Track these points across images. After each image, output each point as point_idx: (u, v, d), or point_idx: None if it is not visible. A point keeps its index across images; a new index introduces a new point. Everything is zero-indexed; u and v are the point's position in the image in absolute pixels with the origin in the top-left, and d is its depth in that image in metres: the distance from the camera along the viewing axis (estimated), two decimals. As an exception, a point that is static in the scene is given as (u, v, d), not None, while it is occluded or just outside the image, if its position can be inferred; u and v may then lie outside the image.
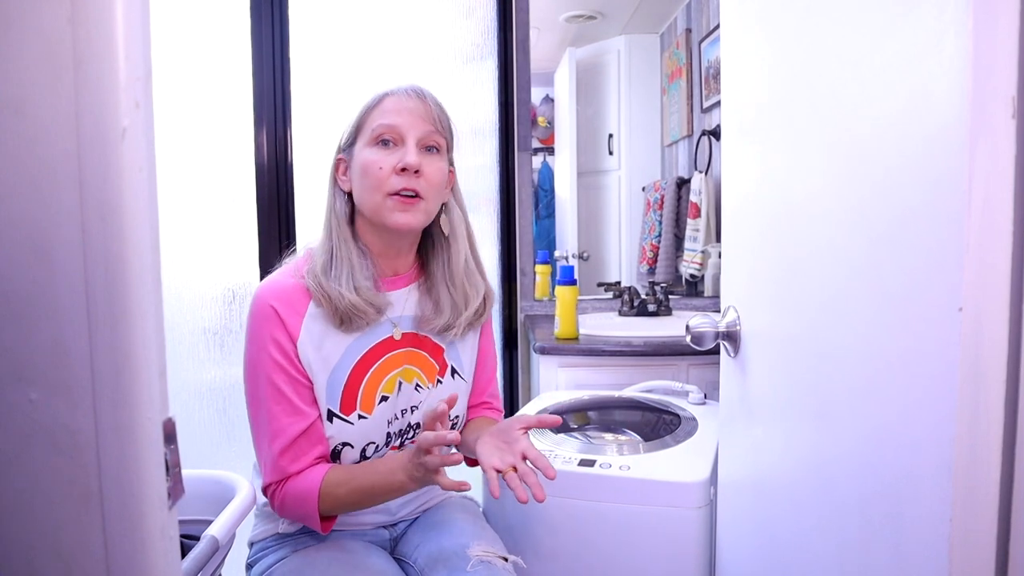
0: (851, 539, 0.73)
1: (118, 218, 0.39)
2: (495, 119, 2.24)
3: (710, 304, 2.27)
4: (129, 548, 0.41)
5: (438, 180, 1.05)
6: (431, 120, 1.04)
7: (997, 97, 0.52)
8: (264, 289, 1.04)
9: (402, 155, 1.01)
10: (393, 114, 1.03)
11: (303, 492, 0.99)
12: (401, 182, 1.01)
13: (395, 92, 1.05)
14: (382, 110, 1.04)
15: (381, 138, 1.03)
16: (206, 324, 1.83)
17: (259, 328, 1.02)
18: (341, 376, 1.04)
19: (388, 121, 1.02)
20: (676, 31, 2.28)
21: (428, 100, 1.05)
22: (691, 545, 1.17)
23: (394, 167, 1.01)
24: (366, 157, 1.03)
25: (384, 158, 1.02)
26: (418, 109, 1.03)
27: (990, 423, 0.54)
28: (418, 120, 1.03)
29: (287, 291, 1.03)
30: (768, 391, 0.93)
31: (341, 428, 1.04)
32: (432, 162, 1.04)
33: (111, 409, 0.40)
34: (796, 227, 0.83)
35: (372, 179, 1.02)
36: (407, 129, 1.02)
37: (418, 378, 1.11)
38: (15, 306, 0.40)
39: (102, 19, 0.37)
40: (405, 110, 1.03)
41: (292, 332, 1.02)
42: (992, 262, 0.53)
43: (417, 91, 1.05)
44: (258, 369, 1.01)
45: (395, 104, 1.04)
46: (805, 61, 0.80)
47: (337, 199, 1.08)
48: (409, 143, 1.02)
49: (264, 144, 1.84)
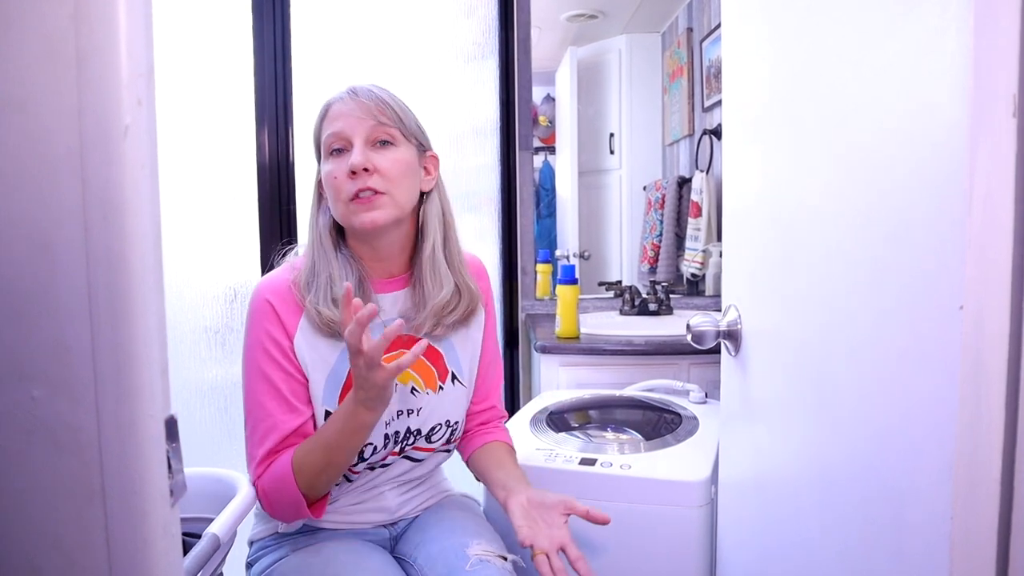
0: (852, 537, 0.73)
1: (120, 216, 0.39)
2: (496, 118, 2.24)
3: (711, 303, 2.27)
4: (131, 545, 0.41)
5: (397, 170, 1.03)
6: (371, 115, 1.02)
7: (998, 95, 0.52)
8: (263, 285, 1.05)
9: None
10: (336, 121, 1.03)
11: (279, 477, 0.99)
12: (354, 184, 1.01)
13: (336, 99, 1.05)
14: (329, 120, 1.04)
15: (332, 148, 1.03)
16: (207, 323, 1.83)
17: (256, 323, 1.03)
18: (341, 375, 1.04)
19: (333, 130, 1.03)
20: (677, 30, 2.28)
21: (363, 97, 1.04)
22: (692, 544, 1.17)
23: (346, 173, 1.01)
24: (325, 171, 1.04)
25: (337, 167, 1.02)
26: (357, 109, 1.03)
27: (991, 422, 0.54)
28: (358, 120, 1.02)
29: (285, 287, 1.04)
30: (769, 390, 0.93)
31: None
32: (385, 155, 1.03)
33: (113, 407, 0.40)
34: (797, 226, 0.83)
35: (333, 190, 1.03)
36: (351, 132, 1.02)
37: (414, 381, 1.10)
38: (17, 304, 0.40)
39: (104, 16, 0.37)
40: (345, 114, 1.03)
41: (289, 328, 1.02)
42: (993, 260, 0.53)
43: (352, 91, 1.05)
44: (254, 363, 1.02)
45: (337, 110, 1.04)
46: (806, 60, 0.80)
47: (320, 214, 1.09)
48: (356, 145, 1.01)
49: (266, 143, 1.84)
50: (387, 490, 1.13)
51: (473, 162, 2.22)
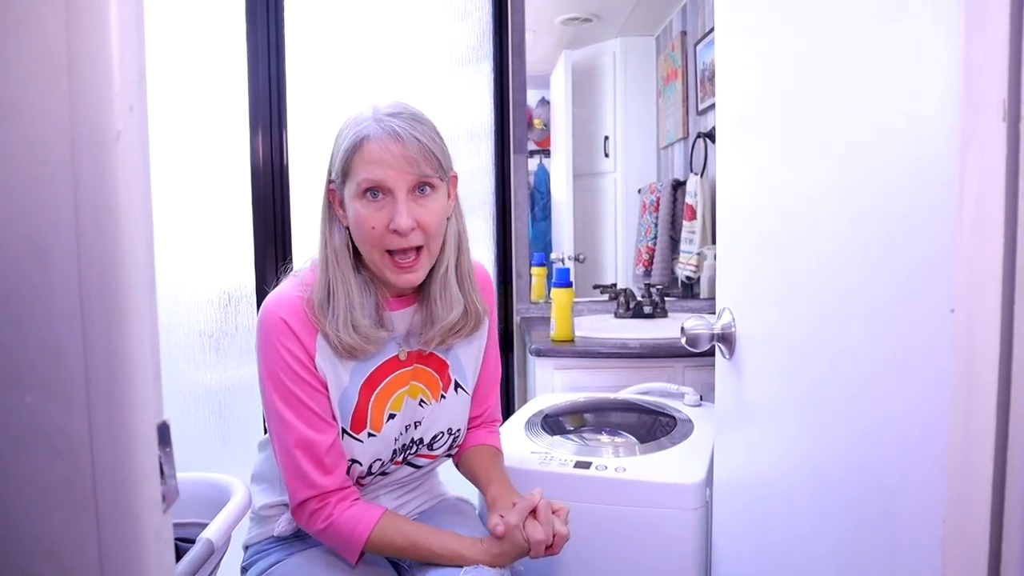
0: (846, 540, 0.73)
1: (113, 221, 0.39)
2: (491, 121, 2.24)
3: (706, 306, 2.27)
4: (123, 551, 0.41)
5: (437, 221, 1.00)
6: (416, 164, 0.96)
7: (988, 100, 0.52)
8: (273, 302, 1.01)
9: (391, 212, 0.96)
10: (376, 166, 0.95)
11: (347, 535, 1.00)
12: (396, 242, 0.97)
13: (373, 136, 0.96)
14: (364, 160, 0.96)
15: (367, 189, 0.97)
16: (202, 327, 1.82)
17: (272, 341, 0.99)
18: (352, 396, 1.04)
19: (372, 176, 0.95)
20: (672, 34, 2.29)
21: (407, 142, 0.96)
22: (687, 546, 1.17)
23: (387, 226, 0.96)
24: (357, 211, 0.97)
25: (374, 215, 0.96)
26: (401, 156, 0.95)
27: (983, 423, 0.54)
28: (403, 169, 0.95)
29: (299, 307, 1.00)
30: (763, 393, 0.94)
31: (350, 446, 1.04)
32: (427, 204, 0.99)
33: (106, 412, 0.40)
34: (790, 230, 0.83)
35: (366, 235, 0.98)
36: (393, 182, 0.95)
37: (422, 394, 1.11)
38: (10, 309, 0.40)
39: (96, 24, 0.37)
40: (388, 159, 0.95)
41: (307, 345, 1.00)
42: (984, 263, 0.53)
43: (392, 133, 0.95)
44: (277, 383, 0.99)
45: (376, 153, 0.95)
46: (799, 64, 0.80)
47: (335, 231, 1.03)
48: (399, 198, 0.96)
49: (260, 147, 1.84)
50: (383, 494, 1.14)
51: (468, 165, 2.23)
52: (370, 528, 1.00)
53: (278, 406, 1.00)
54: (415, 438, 1.11)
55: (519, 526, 0.98)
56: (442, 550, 1.01)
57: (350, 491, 1.03)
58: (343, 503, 1.01)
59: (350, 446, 1.04)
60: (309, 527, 1.02)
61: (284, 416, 0.99)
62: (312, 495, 1.00)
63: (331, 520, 1.00)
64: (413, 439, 1.11)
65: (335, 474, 1.01)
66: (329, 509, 1.00)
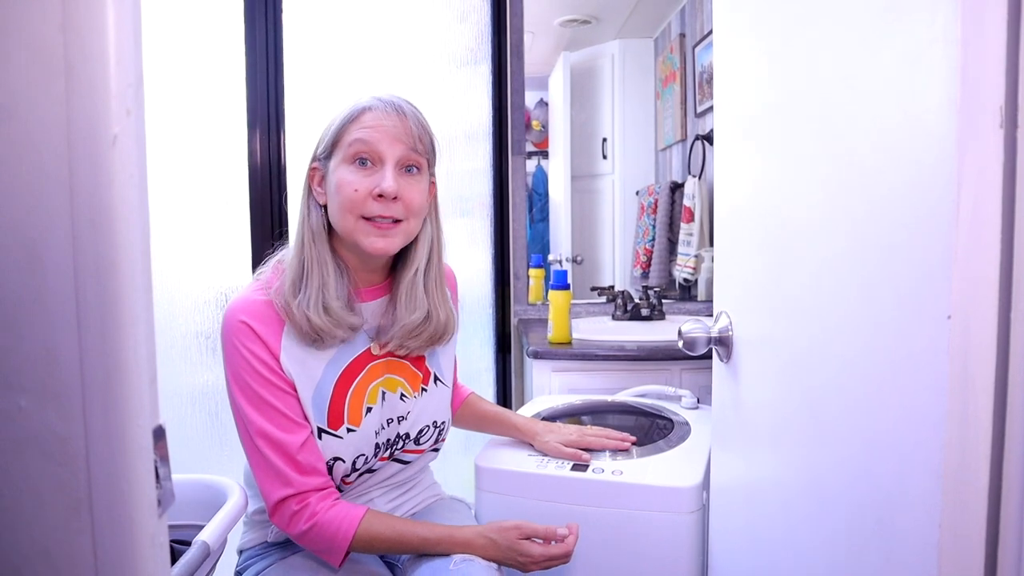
0: (842, 544, 0.73)
1: (108, 224, 0.39)
2: (489, 123, 2.24)
3: (703, 309, 2.27)
4: (119, 555, 0.41)
5: (419, 202, 1.02)
6: (411, 140, 0.99)
7: (985, 106, 0.52)
8: (234, 307, 1.00)
9: (379, 179, 0.98)
10: (371, 132, 0.98)
11: (330, 535, 0.98)
12: (378, 208, 0.98)
13: (374, 107, 1.00)
14: (360, 125, 0.99)
15: (358, 157, 0.98)
16: (199, 328, 1.82)
17: (235, 344, 0.98)
18: (326, 392, 1.03)
19: (366, 138, 0.98)
20: (670, 36, 2.29)
21: (409, 117, 1.00)
22: (683, 550, 1.17)
23: (371, 191, 0.98)
24: (342, 176, 0.99)
25: (360, 180, 0.98)
26: (398, 127, 0.99)
27: (979, 429, 0.54)
28: (397, 140, 0.99)
29: (259, 308, 1.00)
30: (760, 397, 0.94)
31: (329, 443, 1.02)
32: (411, 184, 1.01)
33: (101, 416, 0.40)
34: (788, 234, 0.83)
35: (347, 200, 0.98)
36: (386, 149, 0.98)
37: (402, 387, 1.10)
38: (5, 312, 0.40)
39: (93, 27, 0.37)
40: (384, 128, 0.98)
41: (272, 347, 0.99)
42: (980, 269, 0.53)
43: (397, 106, 1.00)
44: (242, 385, 0.99)
45: (374, 120, 0.99)
46: (797, 68, 0.80)
47: (312, 211, 1.04)
48: (388, 165, 0.98)
49: (257, 148, 1.84)
50: (377, 495, 1.13)
51: (466, 166, 2.23)
52: (356, 522, 0.98)
53: (244, 408, 0.98)
54: (401, 433, 1.10)
55: (575, 536, 1.04)
56: (430, 533, 1.00)
57: (330, 491, 1.01)
58: (324, 502, 0.99)
59: (329, 444, 1.02)
60: (291, 529, 0.99)
61: (251, 418, 0.98)
62: (290, 494, 0.98)
63: (315, 520, 0.97)
64: (399, 434, 1.10)
65: (313, 475, 0.99)
66: (311, 508, 0.98)
